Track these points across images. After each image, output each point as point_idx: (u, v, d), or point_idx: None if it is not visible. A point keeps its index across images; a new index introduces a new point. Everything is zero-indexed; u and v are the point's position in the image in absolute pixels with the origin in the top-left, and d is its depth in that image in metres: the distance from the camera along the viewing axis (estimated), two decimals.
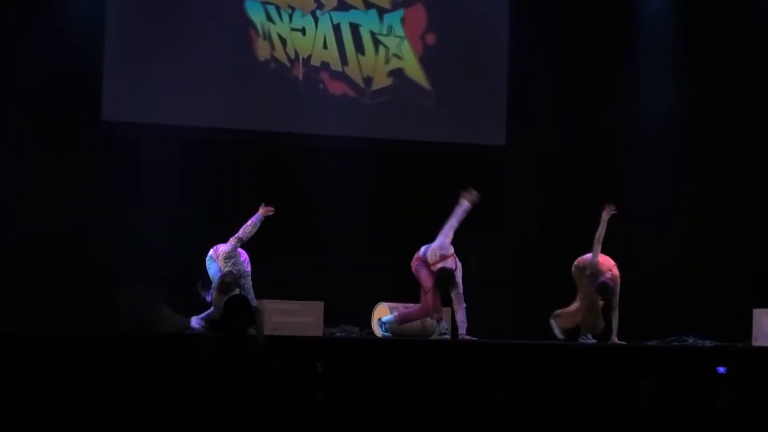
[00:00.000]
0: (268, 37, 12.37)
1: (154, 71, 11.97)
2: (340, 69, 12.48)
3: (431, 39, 12.60)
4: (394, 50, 12.52)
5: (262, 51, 12.32)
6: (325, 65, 12.52)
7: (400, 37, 12.54)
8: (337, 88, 12.52)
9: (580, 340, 10.95)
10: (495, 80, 12.86)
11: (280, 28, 12.40)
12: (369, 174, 12.41)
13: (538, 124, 12.98)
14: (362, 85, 12.53)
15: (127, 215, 11.75)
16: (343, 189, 12.24)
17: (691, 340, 11.44)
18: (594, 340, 10.94)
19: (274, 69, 12.33)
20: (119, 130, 11.88)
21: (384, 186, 12.33)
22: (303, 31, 12.46)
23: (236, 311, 7.19)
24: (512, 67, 12.90)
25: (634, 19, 13.17)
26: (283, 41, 12.39)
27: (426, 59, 12.43)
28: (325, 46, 12.50)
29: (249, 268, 10.57)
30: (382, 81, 12.52)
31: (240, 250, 10.54)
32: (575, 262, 11.17)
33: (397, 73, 12.58)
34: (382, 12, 12.57)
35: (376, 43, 12.51)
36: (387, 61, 12.46)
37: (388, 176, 12.44)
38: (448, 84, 12.77)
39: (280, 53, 12.37)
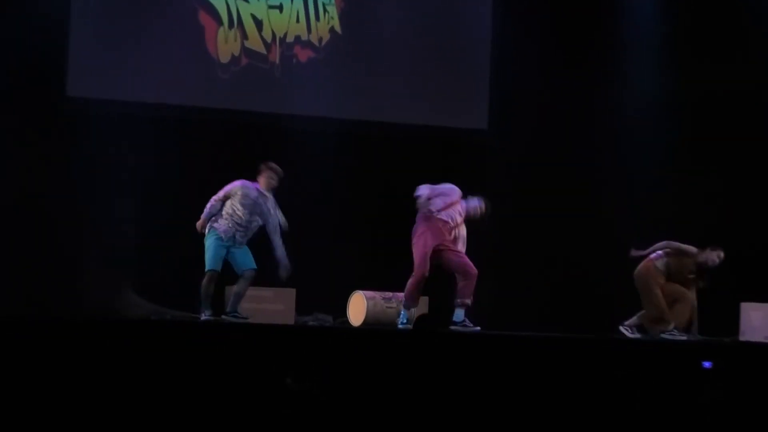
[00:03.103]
0: (238, 23, 12.40)
1: (123, 45, 11.94)
2: (307, 38, 12.81)
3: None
4: (331, 13, 12.91)
5: (227, 47, 12.37)
6: (297, 39, 12.79)
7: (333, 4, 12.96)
8: (305, 55, 12.82)
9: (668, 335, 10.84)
10: (477, 63, 12.98)
11: (254, 7, 12.50)
12: (347, 157, 12.39)
13: (520, 108, 13.06)
14: (319, 45, 12.85)
15: (93, 195, 11.70)
16: (319, 172, 12.22)
17: (676, 334, 11.20)
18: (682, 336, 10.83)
19: (246, 66, 12.45)
20: (85, 106, 11.82)
21: (362, 169, 12.34)
22: (280, 8, 12.60)
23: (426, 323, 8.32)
24: (495, 50, 13.01)
25: (619, 3, 13.30)
26: (259, 23, 12.52)
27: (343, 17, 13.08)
28: (297, 20, 12.75)
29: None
30: (326, 36, 12.87)
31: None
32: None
33: (331, 29, 13.00)
34: None
35: (324, 10, 12.88)
36: (328, 22, 12.93)
37: (366, 159, 12.45)
38: (430, 66, 12.89)
39: (254, 41, 12.51)
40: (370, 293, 11.10)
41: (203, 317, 10.14)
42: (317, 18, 12.77)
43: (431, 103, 12.80)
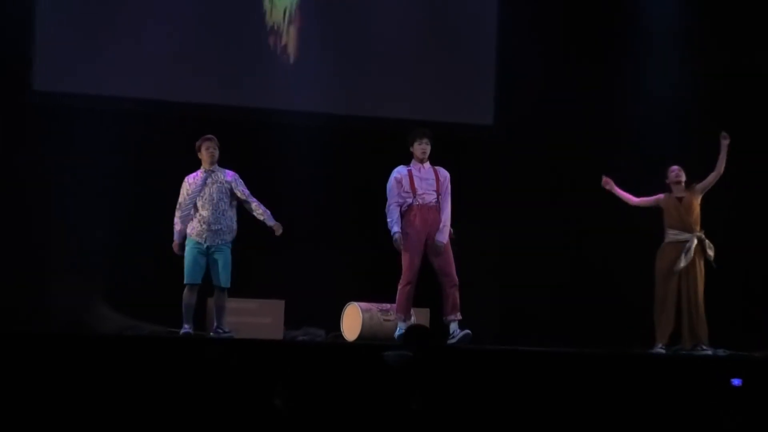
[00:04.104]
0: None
1: (92, 36, 11.89)
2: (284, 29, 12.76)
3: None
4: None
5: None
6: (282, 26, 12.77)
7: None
8: (290, 45, 12.75)
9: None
10: (483, 56, 13.09)
11: None
12: (340, 156, 12.35)
13: (527, 103, 13.04)
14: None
15: (61, 197, 11.61)
16: (311, 172, 12.17)
17: (701, 349, 11.07)
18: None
19: (270, 53, 12.55)
20: (52, 100, 11.78)
21: (359, 169, 12.29)
22: None
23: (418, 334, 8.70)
24: (501, 43, 13.11)
25: None
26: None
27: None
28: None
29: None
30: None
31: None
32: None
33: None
34: None
35: None
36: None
37: (364, 158, 12.36)
38: (433, 60, 12.94)
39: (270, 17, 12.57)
40: (365, 305, 10.97)
41: (182, 331, 10.08)
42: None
43: (434, 99, 12.87)
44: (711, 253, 10.98)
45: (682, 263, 10.82)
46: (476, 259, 11.88)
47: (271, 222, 10.25)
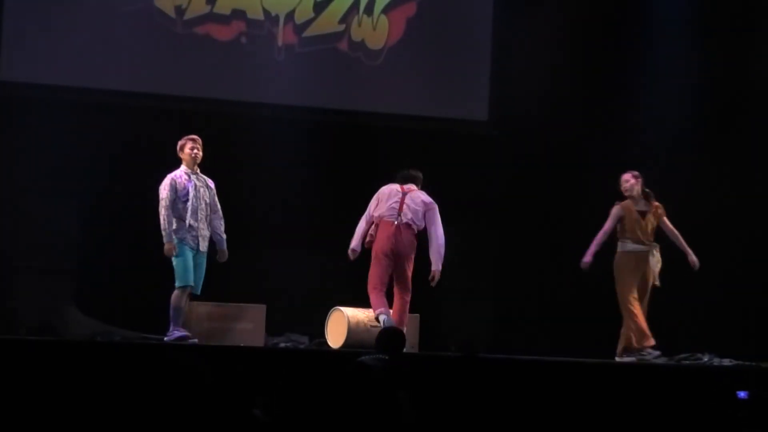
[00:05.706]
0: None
1: (60, 23, 11.85)
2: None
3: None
4: None
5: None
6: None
7: None
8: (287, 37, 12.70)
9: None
10: (478, 50, 13.15)
11: None
12: (329, 151, 12.27)
13: (523, 98, 13.01)
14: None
15: (28, 193, 11.54)
16: (295, 168, 12.06)
17: (706, 359, 11.22)
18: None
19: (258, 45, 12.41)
20: (18, 91, 11.70)
21: (348, 165, 12.24)
22: None
23: (391, 338, 8.81)
24: (496, 36, 13.16)
25: None
26: None
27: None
28: None
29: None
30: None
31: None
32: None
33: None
34: None
35: None
36: None
37: (352, 154, 12.35)
38: (427, 54, 13.02)
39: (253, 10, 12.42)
40: (352, 310, 10.87)
41: (177, 335, 10.07)
42: None
43: (428, 94, 12.89)
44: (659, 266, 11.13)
45: (657, 281, 10.96)
46: (471, 259, 11.85)
47: (223, 246, 10.36)
